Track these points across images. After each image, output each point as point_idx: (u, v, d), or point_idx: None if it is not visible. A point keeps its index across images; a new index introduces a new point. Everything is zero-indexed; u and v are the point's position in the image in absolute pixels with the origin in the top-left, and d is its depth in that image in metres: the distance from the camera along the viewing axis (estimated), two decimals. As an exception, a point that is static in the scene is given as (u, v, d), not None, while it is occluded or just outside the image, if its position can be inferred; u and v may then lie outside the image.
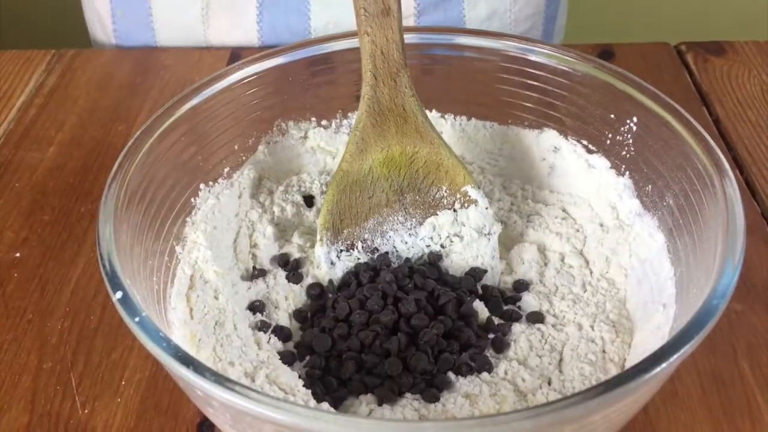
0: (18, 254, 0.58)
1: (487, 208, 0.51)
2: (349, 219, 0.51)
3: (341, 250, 0.51)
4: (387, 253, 0.51)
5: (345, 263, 0.51)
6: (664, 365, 0.34)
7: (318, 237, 0.50)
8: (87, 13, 0.88)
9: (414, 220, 0.51)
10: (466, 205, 0.51)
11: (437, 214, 0.51)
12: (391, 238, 0.51)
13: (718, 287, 0.37)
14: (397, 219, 0.51)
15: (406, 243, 0.52)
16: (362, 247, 0.51)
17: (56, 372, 0.50)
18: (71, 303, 0.55)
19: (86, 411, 0.48)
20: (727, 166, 0.43)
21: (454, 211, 0.51)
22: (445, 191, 0.51)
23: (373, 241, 0.51)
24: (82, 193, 0.63)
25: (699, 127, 0.46)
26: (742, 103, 0.71)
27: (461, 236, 0.51)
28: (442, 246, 0.51)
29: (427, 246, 0.52)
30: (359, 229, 0.51)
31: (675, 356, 0.34)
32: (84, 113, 0.72)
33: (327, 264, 0.50)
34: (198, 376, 0.34)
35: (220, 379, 0.34)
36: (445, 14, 0.81)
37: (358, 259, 0.51)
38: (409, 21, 0.81)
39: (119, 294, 0.38)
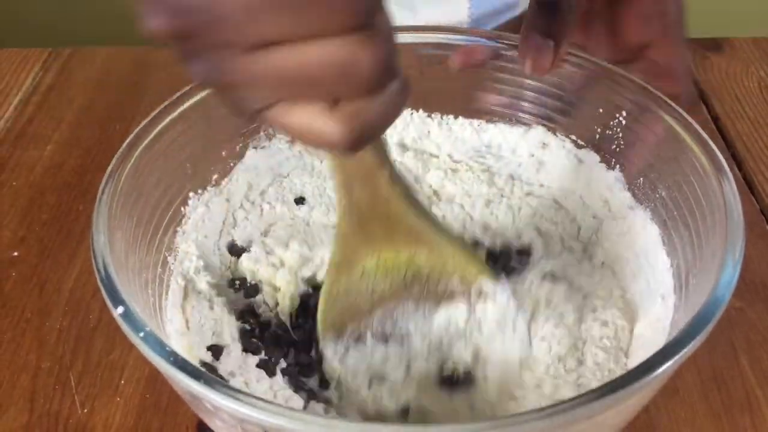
0: (16, 253, 0.58)
1: (509, 300, 0.45)
2: (350, 316, 0.45)
3: (348, 346, 0.45)
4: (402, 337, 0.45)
5: (355, 354, 0.45)
6: (669, 363, 0.33)
7: (320, 337, 0.45)
8: None
9: (426, 307, 0.45)
10: (483, 299, 0.45)
11: (451, 304, 0.45)
12: (405, 325, 0.45)
13: (721, 280, 0.37)
14: (408, 307, 0.45)
15: (421, 331, 0.45)
16: (372, 335, 0.45)
17: (55, 371, 0.50)
18: (70, 302, 0.55)
19: (85, 410, 0.48)
20: (720, 156, 0.43)
21: (470, 304, 0.45)
22: (456, 285, 0.45)
23: (384, 329, 0.45)
24: (80, 191, 0.63)
25: (690, 119, 0.46)
26: (741, 100, 0.71)
27: (481, 331, 0.45)
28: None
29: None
30: (365, 321, 0.45)
31: (680, 354, 0.34)
32: (81, 112, 0.72)
33: (338, 359, 0.45)
34: (208, 389, 0.33)
35: (235, 393, 0.32)
36: None
37: (371, 347, 0.45)
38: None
39: (120, 309, 0.36)
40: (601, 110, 0.51)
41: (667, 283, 0.45)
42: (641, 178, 0.50)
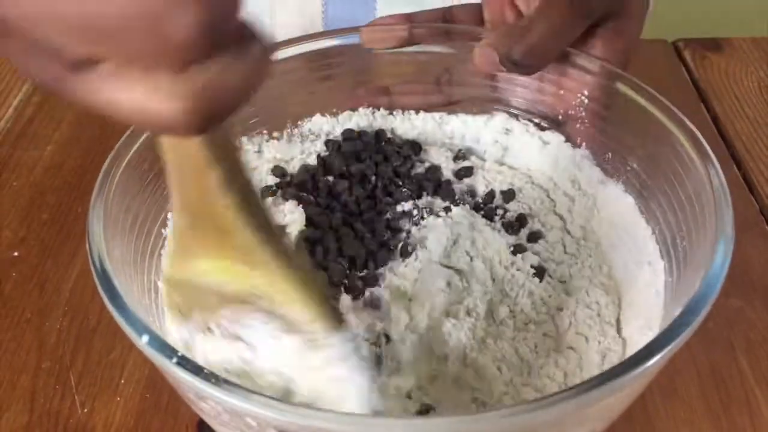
0: (16, 253, 0.58)
1: (351, 354, 0.36)
2: (196, 305, 0.38)
3: (194, 334, 0.38)
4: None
5: (203, 344, 0.38)
6: (668, 349, 0.33)
7: (165, 309, 0.39)
8: None
9: (276, 326, 0.37)
10: (322, 349, 0.36)
11: (295, 336, 0.37)
12: (253, 335, 0.37)
13: (717, 254, 0.36)
14: (258, 318, 0.37)
15: (270, 349, 0.37)
16: (221, 333, 0.38)
17: (55, 371, 0.50)
18: (70, 302, 0.55)
19: (86, 410, 0.48)
20: (688, 122, 0.43)
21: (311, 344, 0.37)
22: (300, 316, 0.36)
23: (232, 331, 0.37)
24: (80, 191, 0.63)
25: (651, 90, 0.46)
26: (740, 100, 0.71)
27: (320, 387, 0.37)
28: None
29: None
30: (212, 316, 0.37)
31: (680, 337, 0.33)
32: (81, 111, 0.72)
33: (182, 343, 0.38)
34: (260, 406, 0.32)
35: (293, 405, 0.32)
36: None
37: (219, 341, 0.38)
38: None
39: (146, 338, 0.35)
40: (561, 92, 0.51)
41: (652, 250, 0.45)
42: (609, 153, 0.50)
